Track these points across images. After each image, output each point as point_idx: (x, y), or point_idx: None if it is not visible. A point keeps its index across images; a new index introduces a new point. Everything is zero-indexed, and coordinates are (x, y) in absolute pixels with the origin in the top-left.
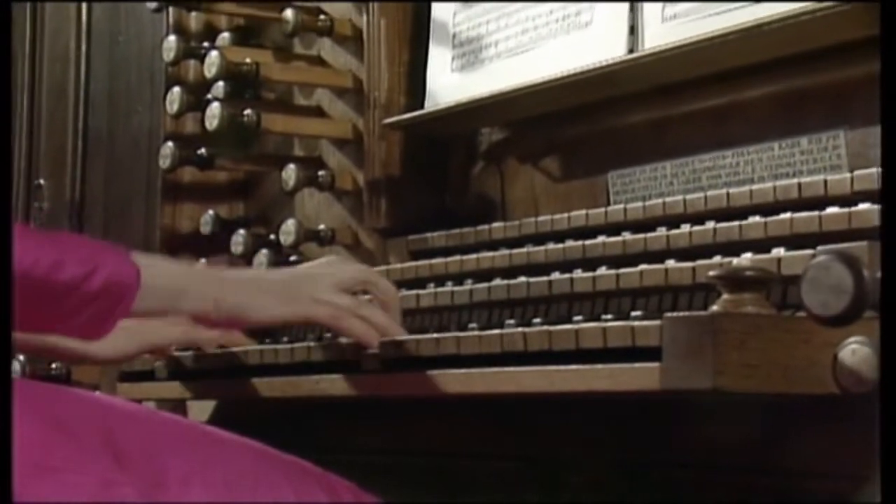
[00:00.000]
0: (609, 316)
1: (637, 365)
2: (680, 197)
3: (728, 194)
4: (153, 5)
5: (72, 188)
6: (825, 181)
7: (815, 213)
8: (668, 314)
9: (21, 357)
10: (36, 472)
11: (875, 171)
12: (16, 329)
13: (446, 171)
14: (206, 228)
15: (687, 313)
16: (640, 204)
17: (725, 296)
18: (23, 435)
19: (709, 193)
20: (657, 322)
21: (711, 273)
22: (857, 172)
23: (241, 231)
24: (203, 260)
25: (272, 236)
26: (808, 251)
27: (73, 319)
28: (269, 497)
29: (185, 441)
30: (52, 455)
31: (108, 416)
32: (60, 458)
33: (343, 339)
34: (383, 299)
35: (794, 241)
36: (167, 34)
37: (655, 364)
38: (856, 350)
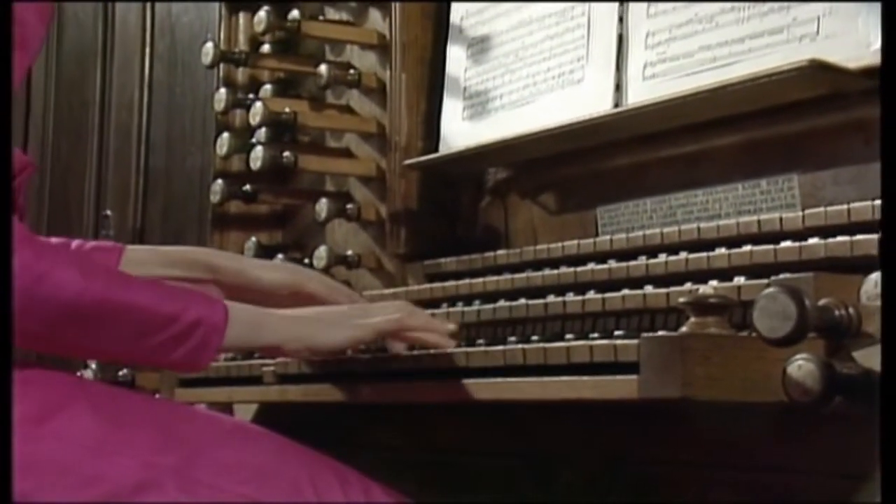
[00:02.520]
0: (596, 334)
1: (619, 377)
2: (658, 230)
3: (699, 228)
4: (207, 62)
5: (134, 218)
6: (780, 218)
7: (772, 246)
8: (645, 334)
9: (93, 365)
10: (91, 453)
11: (823, 209)
12: (123, 359)
13: (457, 204)
14: (249, 253)
15: (660, 333)
16: (623, 235)
17: (693, 319)
18: (86, 425)
19: (682, 227)
20: (636, 341)
21: (682, 299)
22: (807, 211)
23: (280, 255)
24: None
25: (306, 260)
26: (765, 280)
27: (175, 349)
28: (287, 487)
29: (225, 435)
30: (108, 440)
31: (160, 412)
32: (114, 442)
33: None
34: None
35: (754, 270)
36: (218, 87)
37: (634, 376)
38: (801, 365)
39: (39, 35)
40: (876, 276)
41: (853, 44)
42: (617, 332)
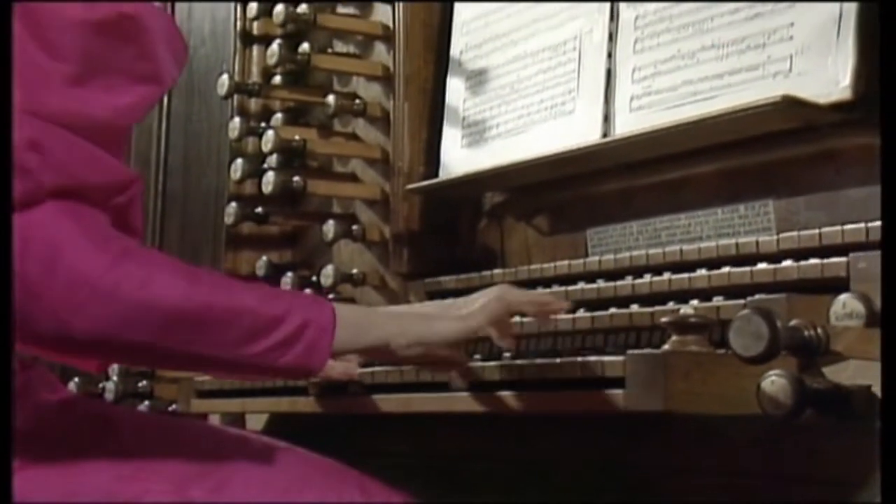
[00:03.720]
0: (586, 350)
1: (606, 391)
2: (643, 251)
3: (681, 250)
4: (223, 93)
5: (153, 237)
6: (757, 241)
7: (748, 268)
8: (631, 351)
9: (115, 377)
10: (127, 481)
11: (796, 234)
12: (229, 368)
13: (456, 226)
14: (261, 272)
15: (645, 351)
16: (612, 256)
17: (675, 337)
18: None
19: (666, 249)
20: (621, 358)
21: (664, 319)
22: (782, 235)
23: (289, 273)
24: None
25: (314, 278)
26: (741, 301)
27: (285, 353)
28: (315, 497)
29: (254, 455)
30: (143, 468)
31: (191, 437)
32: (149, 469)
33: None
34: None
35: (732, 290)
36: (232, 116)
37: (620, 391)
38: (774, 381)
39: (173, 75)
40: (844, 297)
41: (823, 81)
42: (606, 349)
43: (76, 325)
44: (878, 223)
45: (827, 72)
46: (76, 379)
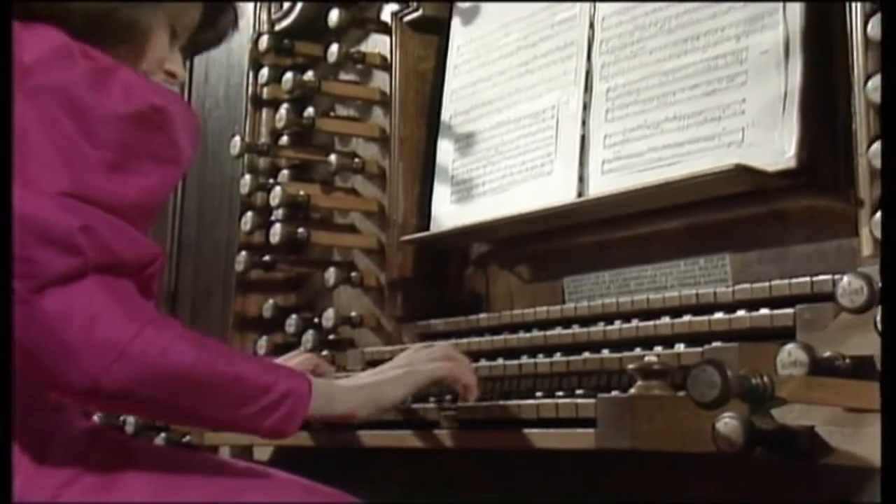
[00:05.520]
0: (561, 392)
1: (579, 430)
2: (614, 299)
3: (648, 298)
4: (235, 153)
5: (168, 281)
6: (714, 292)
7: (706, 317)
8: (601, 395)
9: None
10: None
11: (749, 285)
12: (224, 427)
13: (446, 274)
14: (267, 314)
15: (614, 394)
16: (586, 303)
17: (640, 382)
18: (142, 487)
19: (634, 297)
20: (593, 400)
21: (631, 366)
22: (737, 286)
23: (294, 316)
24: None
25: (316, 320)
26: (699, 349)
27: (268, 417)
28: None
29: (266, 486)
30: (158, 495)
31: (206, 470)
32: (161, 498)
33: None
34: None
35: (691, 337)
36: (243, 174)
37: (591, 430)
38: (727, 422)
39: (190, 156)
40: (789, 347)
41: (771, 151)
42: (578, 391)
43: (104, 382)
44: (823, 277)
45: (774, 143)
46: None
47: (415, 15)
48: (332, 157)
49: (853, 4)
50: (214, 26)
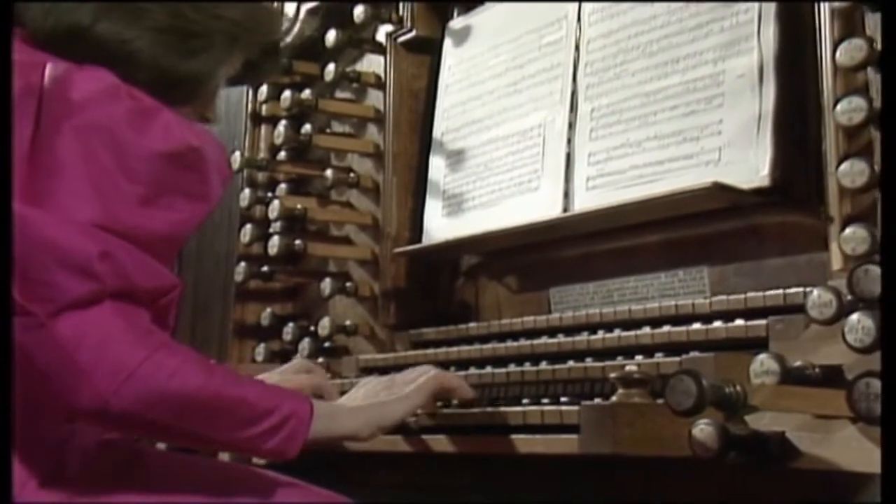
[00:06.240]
0: (546, 400)
1: (563, 436)
2: (598, 309)
3: (630, 309)
4: (235, 168)
5: None
6: (693, 303)
7: (685, 327)
8: (585, 402)
9: None
10: None
11: (726, 297)
12: (228, 448)
13: (437, 284)
14: (265, 322)
15: (596, 402)
16: (570, 313)
17: (621, 390)
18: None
19: (617, 308)
20: (577, 407)
21: (612, 375)
22: (714, 298)
23: (291, 324)
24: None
25: (312, 328)
26: (677, 358)
27: (271, 439)
28: None
29: (254, 484)
30: (167, 497)
31: (215, 475)
32: (170, 499)
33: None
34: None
35: (670, 347)
36: (242, 188)
37: (575, 436)
38: (703, 429)
39: (219, 194)
40: (762, 357)
41: (746, 170)
42: (563, 399)
43: (113, 403)
44: (795, 289)
45: (749, 162)
46: None
47: (408, 36)
48: (329, 172)
49: (824, 32)
50: (258, 75)
